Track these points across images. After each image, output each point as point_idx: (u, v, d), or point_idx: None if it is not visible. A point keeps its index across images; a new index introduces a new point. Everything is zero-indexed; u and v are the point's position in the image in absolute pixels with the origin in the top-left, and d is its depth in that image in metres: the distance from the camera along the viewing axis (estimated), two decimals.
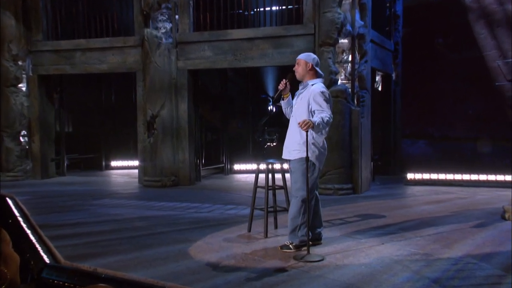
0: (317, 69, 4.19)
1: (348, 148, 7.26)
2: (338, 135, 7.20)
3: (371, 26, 7.84)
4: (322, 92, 4.03)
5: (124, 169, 10.83)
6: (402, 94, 10.06)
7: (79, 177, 9.80)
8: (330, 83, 7.20)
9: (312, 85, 4.11)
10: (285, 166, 10.15)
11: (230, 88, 10.05)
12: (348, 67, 7.54)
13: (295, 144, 4.10)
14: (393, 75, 9.74)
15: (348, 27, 7.30)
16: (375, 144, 9.15)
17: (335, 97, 7.18)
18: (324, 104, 4.00)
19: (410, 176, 8.39)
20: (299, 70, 4.19)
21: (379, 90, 9.78)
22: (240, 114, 10.50)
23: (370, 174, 8.11)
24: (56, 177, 9.63)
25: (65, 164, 9.92)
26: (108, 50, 8.71)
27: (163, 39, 8.22)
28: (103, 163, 10.83)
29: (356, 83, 7.50)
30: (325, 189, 7.23)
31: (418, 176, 8.36)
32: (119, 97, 11.14)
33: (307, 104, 4.04)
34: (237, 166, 10.00)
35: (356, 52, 7.50)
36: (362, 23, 7.52)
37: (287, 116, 4.32)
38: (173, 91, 8.26)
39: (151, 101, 8.22)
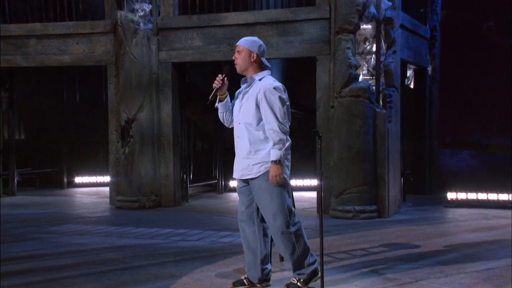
0: (263, 60, 4.03)
1: (372, 160, 7.31)
2: (359, 143, 7.25)
3: (401, 7, 7.91)
4: (276, 88, 3.85)
5: (91, 187, 10.86)
6: (441, 93, 10.10)
7: (34, 197, 9.81)
8: (349, 79, 7.26)
9: (260, 79, 3.97)
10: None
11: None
12: (372, 60, 7.60)
13: (254, 157, 3.92)
14: (429, 68, 9.80)
15: (372, 9, 7.37)
16: (406, 155, 9.18)
17: (355, 97, 7.24)
18: (278, 107, 3.80)
19: (451, 195, 8.40)
20: (239, 61, 4.02)
21: (411, 88, 9.83)
22: None
23: (400, 193, 8.14)
24: (4, 197, 9.64)
25: (16, 181, 9.93)
26: (71, 37, 8.76)
27: (141, 24, 8.29)
28: (65, 180, 10.87)
29: (382, 79, 7.56)
30: (343, 211, 7.26)
31: (461, 195, 8.36)
32: (85, 96, 11.19)
33: (255, 105, 3.89)
34: (233, 183, 10.05)
35: (382, 41, 7.56)
36: (390, 4, 7.59)
37: (226, 123, 4.17)
38: (154, 89, 8.32)
39: (126, 102, 8.28)
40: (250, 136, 3.94)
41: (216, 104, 4.15)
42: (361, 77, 7.52)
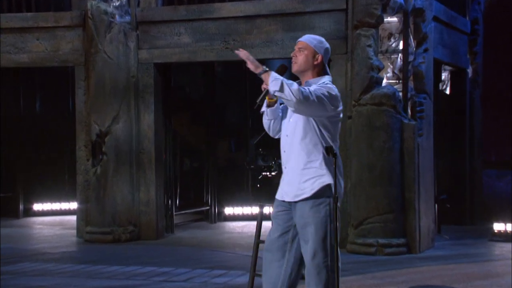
0: (326, 66, 4.13)
1: (399, 183, 7.35)
2: (383, 162, 7.30)
3: None
4: (329, 87, 3.93)
5: (54, 216, 10.83)
6: (484, 100, 10.12)
7: None
8: (369, 84, 7.30)
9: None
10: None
11: (220, 92, 10.17)
12: (398, 60, 7.65)
13: (305, 173, 3.98)
14: (469, 70, 9.83)
15: None
16: (441, 177, 9.20)
17: (377, 105, 7.28)
18: (323, 93, 3.86)
19: (498, 227, 8.38)
20: (299, 60, 4.08)
21: (446, 94, 9.88)
22: (235, 131, 10.60)
23: (434, 223, 8.17)
24: None
25: None
26: (30, 31, 8.79)
27: (117, 17, 8.35)
28: (21, 207, 10.83)
29: (411, 84, 7.60)
30: (364, 245, 7.30)
31: (511, 227, 8.37)
32: (47, 104, 11.20)
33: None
34: (228, 210, 10.09)
35: (411, 37, 7.62)
36: None
37: (271, 133, 4.23)
38: (133, 96, 8.38)
39: (98, 111, 8.33)
40: (301, 149, 3.99)
41: (263, 109, 4.17)
42: (384, 81, 7.56)
